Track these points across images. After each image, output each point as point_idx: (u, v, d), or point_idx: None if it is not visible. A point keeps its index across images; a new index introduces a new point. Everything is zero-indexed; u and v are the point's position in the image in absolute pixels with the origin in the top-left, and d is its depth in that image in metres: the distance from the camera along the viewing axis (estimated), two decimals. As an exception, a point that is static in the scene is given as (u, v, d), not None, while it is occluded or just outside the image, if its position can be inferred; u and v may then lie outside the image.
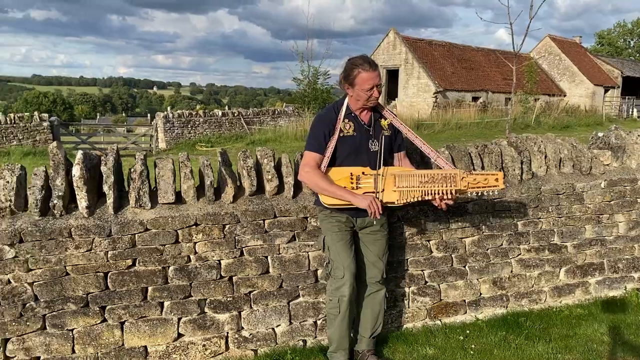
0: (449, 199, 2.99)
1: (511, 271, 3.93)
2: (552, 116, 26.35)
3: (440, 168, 3.19)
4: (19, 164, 3.08)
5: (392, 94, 32.31)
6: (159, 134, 20.40)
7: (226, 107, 28.56)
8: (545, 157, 4.06)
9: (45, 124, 17.87)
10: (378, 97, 3.08)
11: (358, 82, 3.02)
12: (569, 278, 4.11)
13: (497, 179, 3.00)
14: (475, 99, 31.00)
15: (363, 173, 3.06)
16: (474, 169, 3.78)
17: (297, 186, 3.48)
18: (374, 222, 3.08)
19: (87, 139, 20.53)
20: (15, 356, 3.00)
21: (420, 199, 2.99)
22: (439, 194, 2.97)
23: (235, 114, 22.66)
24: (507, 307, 3.95)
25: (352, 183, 3.04)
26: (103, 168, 3.07)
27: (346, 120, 3.12)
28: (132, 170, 3.15)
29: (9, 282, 2.94)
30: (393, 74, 32.18)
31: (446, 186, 2.97)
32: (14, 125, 17.27)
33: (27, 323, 2.99)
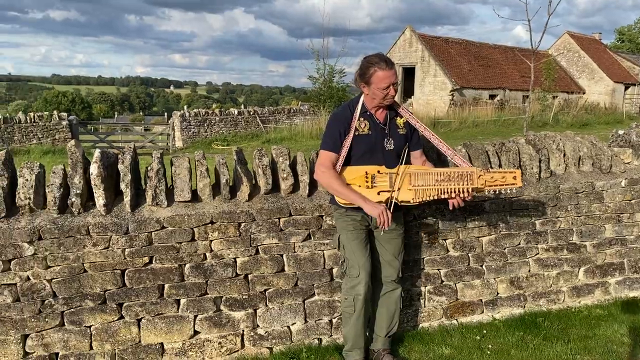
0: (466, 198, 2.96)
1: (529, 271, 3.89)
2: (571, 114, 26.02)
3: (457, 166, 3.16)
4: (38, 163, 3.12)
5: (408, 92, 32.15)
6: (176, 132, 20.55)
7: (242, 106, 28.69)
8: (564, 155, 4.01)
9: (64, 122, 18.11)
10: (394, 95, 3.05)
11: (374, 81, 2.99)
12: (588, 278, 4.05)
13: (515, 177, 2.96)
14: (492, 96, 30.73)
15: (378, 172, 3.04)
16: (491, 167, 3.74)
17: (313, 185, 3.47)
18: (382, 233, 3.06)
19: (105, 138, 20.76)
20: (34, 352, 3.04)
21: (436, 197, 2.97)
22: (455, 192, 2.95)
23: (251, 113, 22.74)
24: (524, 307, 3.91)
25: (367, 182, 3.02)
26: (120, 166, 3.10)
27: (361, 119, 3.10)
28: (149, 168, 3.17)
29: (28, 278, 2.98)
30: (409, 72, 32.02)
31: (462, 184, 2.94)
32: (34, 124, 17.53)
33: (46, 319, 3.02)
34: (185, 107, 33.77)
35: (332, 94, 23.48)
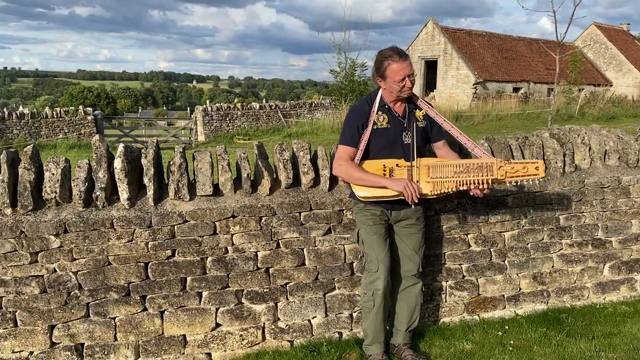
0: (485, 190, 2.91)
1: (552, 266, 3.84)
2: (597, 107, 25.48)
3: (477, 158, 3.11)
4: (64, 157, 3.17)
5: (430, 85, 31.89)
6: (198, 127, 20.72)
7: (264, 100, 28.77)
8: (590, 149, 3.94)
9: (89, 117, 18.40)
10: (411, 87, 3.02)
11: (389, 74, 2.98)
12: (614, 274, 3.98)
13: (537, 167, 2.87)
14: (516, 89, 30.30)
15: (397, 165, 3.02)
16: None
17: (333, 179, 3.47)
18: (413, 207, 2.94)
19: (129, 132, 21.03)
20: (61, 342, 3.11)
21: (454, 189, 2.92)
22: (474, 183, 2.89)
23: (273, 107, 22.80)
24: (547, 302, 3.86)
25: (384, 175, 3.01)
26: (143, 161, 3.14)
27: (380, 113, 3.08)
28: (171, 163, 3.20)
29: (55, 270, 3.04)
30: (431, 65, 31.74)
31: (482, 176, 2.88)
32: (60, 119, 17.84)
33: (72, 310, 3.09)
34: (207, 101, 34.04)
35: (354, 87, 23.38)
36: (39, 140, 16.36)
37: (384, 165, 3.02)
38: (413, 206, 2.92)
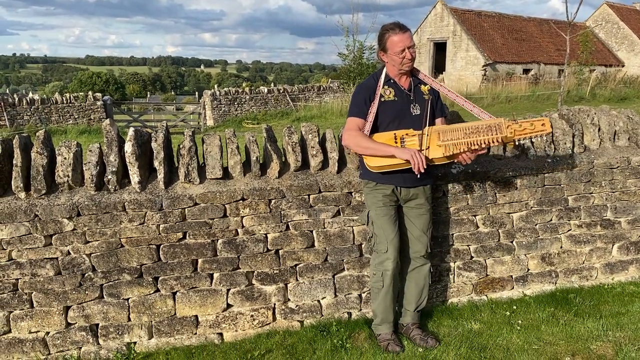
0: (476, 153, 2.93)
1: (561, 247, 3.85)
2: (609, 88, 25.16)
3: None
4: (76, 141, 3.21)
5: (439, 67, 31.63)
6: (207, 111, 20.75)
7: (272, 84, 28.70)
8: (599, 130, 3.92)
9: (98, 103, 18.47)
10: (412, 59, 3.05)
11: (389, 46, 3.03)
12: (622, 254, 3.99)
13: (543, 124, 2.89)
14: (526, 71, 29.97)
15: (407, 134, 3.03)
16: (523, 143, 3.68)
17: (342, 161, 3.50)
18: (418, 176, 2.92)
19: (139, 117, 21.11)
20: (76, 322, 3.18)
21: (466, 150, 2.90)
22: (485, 143, 2.89)
23: (281, 91, 22.75)
24: (556, 283, 3.88)
25: (395, 143, 3.02)
26: (153, 144, 3.18)
27: (386, 87, 3.12)
28: (181, 146, 3.24)
29: (69, 253, 3.10)
30: (441, 47, 31.46)
31: (492, 135, 2.90)
32: (70, 104, 17.92)
33: (86, 292, 3.15)
34: (215, 86, 34.03)
35: (362, 70, 23.20)
36: (49, 126, 16.47)
37: (395, 134, 3.04)
38: (419, 175, 2.91)
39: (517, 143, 2.96)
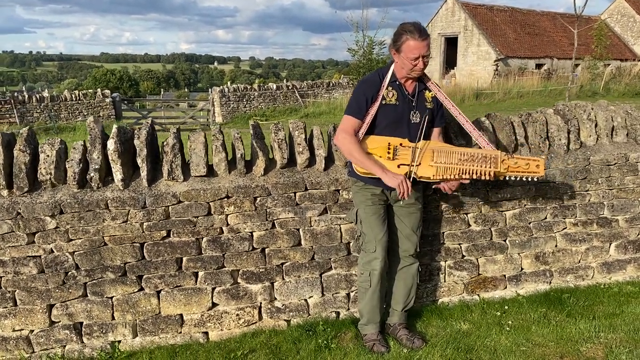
0: (487, 179, 2.90)
1: (555, 246, 3.76)
2: (623, 82, 24.78)
3: (481, 148, 3.05)
4: (59, 139, 3.20)
5: (450, 62, 31.36)
6: (216, 108, 20.78)
7: (284, 81, 28.66)
8: (596, 125, 3.82)
9: (107, 100, 18.59)
10: (423, 68, 2.94)
11: (404, 50, 2.90)
12: (620, 253, 3.89)
13: (537, 165, 2.89)
14: (539, 66, 29.62)
15: (401, 144, 2.97)
16: (516, 139, 3.61)
17: (329, 159, 3.44)
18: (402, 203, 3.00)
19: (148, 114, 21.19)
20: (60, 321, 3.17)
21: (457, 177, 2.89)
22: (476, 174, 2.87)
23: (290, 87, 22.70)
24: (550, 282, 3.79)
25: (389, 153, 2.96)
26: (136, 142, 3.15)
27: (390, 88, 3.01)
28: (164, 143, 3.20)
29: (52, 251, 3.08)
30: (452, 42, 31.19)
31: (485, 167, 2.87)
32: (79, 101, 18.06)
33: (70, 290, 3.14)
34: (228, 82, 34.02)
35: (372, 66, 23.04)
36: (58, 123, 16.60)
37: (389, 143, 2.97)
38: (402, 202, 2.93)
39: (507, 179, 2.93)
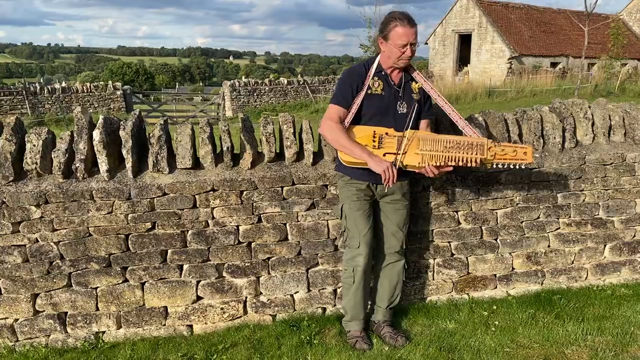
0: (475, 166, 2.84)
1: (548, 246, 3.69)
2: (640, 82, 24.37)
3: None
4: (46, 129, 3.20)
5: (464, 60, 31.08)
6: (226, 102, 20.82)
7: (299, 76, 28.62)
8: (593, 124, 3.74)
9: (118, 92, 18.70)
10: (410, 57, 2.91)
11: (392, 37, 2.86)
12: (615, 255, 3.81)
13: (525, 153, 2.82)
14: (554, 64, 29.23)
15: (387, 134, 2.93)
16: (510, 137, 3.55)
17: (319, 154, 3.41)
18: (386, 190, 2.96)
19: (158, 107, 21.29)
20: (44, 310, 3.18)
21: (442, 164, 2.83)
22: (462, 161, 2.82)
23: (301, 82, 22.67)
24: (542, 283, 3.73)
25: (374, 142, 2.92)
26: (121, 132, 3.14)
27: (375, 78, 2.98)
28: (150, 135, 3.19)
29: (37, 240, 3.09)
30: (465, 39, 30.90)
31: (471, 154, 2.81)
32: (90, 94, 18.20)
33: (54, 280, 3.15)
34: (243, 77, 34.05)
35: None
36: (69, 114, 16.74)
37: (374, 131, 2.93)
38: (386, 189, 2.90)
39: (494, 166, 2.87)
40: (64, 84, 19.90)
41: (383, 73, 2.99)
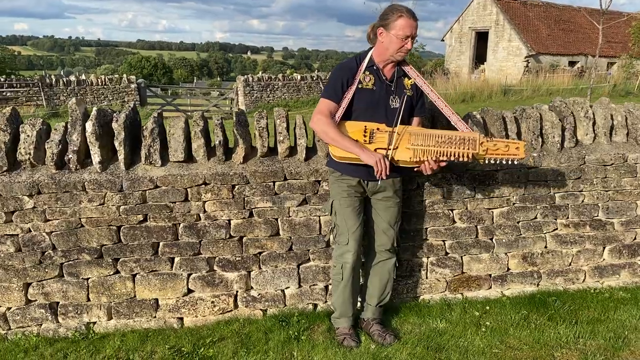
0: (442, 165, 2.82)
1: (545, 247, 3.63)
2: (660, 83, 23.89)
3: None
4: (41, 119, 3.22)
5: (480, 57, 30.76)
6: (239, 97, 20.87)
7: (316, 72, 28.57)
8: (594, 123, 3.67)
9: (132, 85, 18.84)
10: (407, 51, 2.89)
11: (395, 27, 2.82)
12: (614, 258, 3.74)
13: (517, 148, 2.78)
14: (572, 63, 28.81)
15: (378, 129, 2.90)
16: (508, 135, 3.49)
17: (312, 149, 3.39)
18: (378, 185, 2.93)
19: (172, 101, 21.42)
20: (36, 300, 3.21)
21: (434, 159, 2.80)
22: (454, 156, 2.78)
23: (314, 78, 22.64)
24: (538, 284, 3.67)
25: (365, 137, 2.89)
26: (114, 125, 3.15)
27: (367, 73, 2.95)
28: (144, 128, 3.20)
29: (29, 230, 3.12)
30: (482, 37, 30.58)
31: (463, 149, 2.78)
32: (105, 86, 18.36)
33: (46, 270, 3.17)
34: (260, 72, 34.11)
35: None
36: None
37: (365, 126, 2.90)
38: (379, 182, 2.85)
39: (486, 162, 2.82)
40: (82, 77, 20.12)
41: (375, 67, 2.96)
